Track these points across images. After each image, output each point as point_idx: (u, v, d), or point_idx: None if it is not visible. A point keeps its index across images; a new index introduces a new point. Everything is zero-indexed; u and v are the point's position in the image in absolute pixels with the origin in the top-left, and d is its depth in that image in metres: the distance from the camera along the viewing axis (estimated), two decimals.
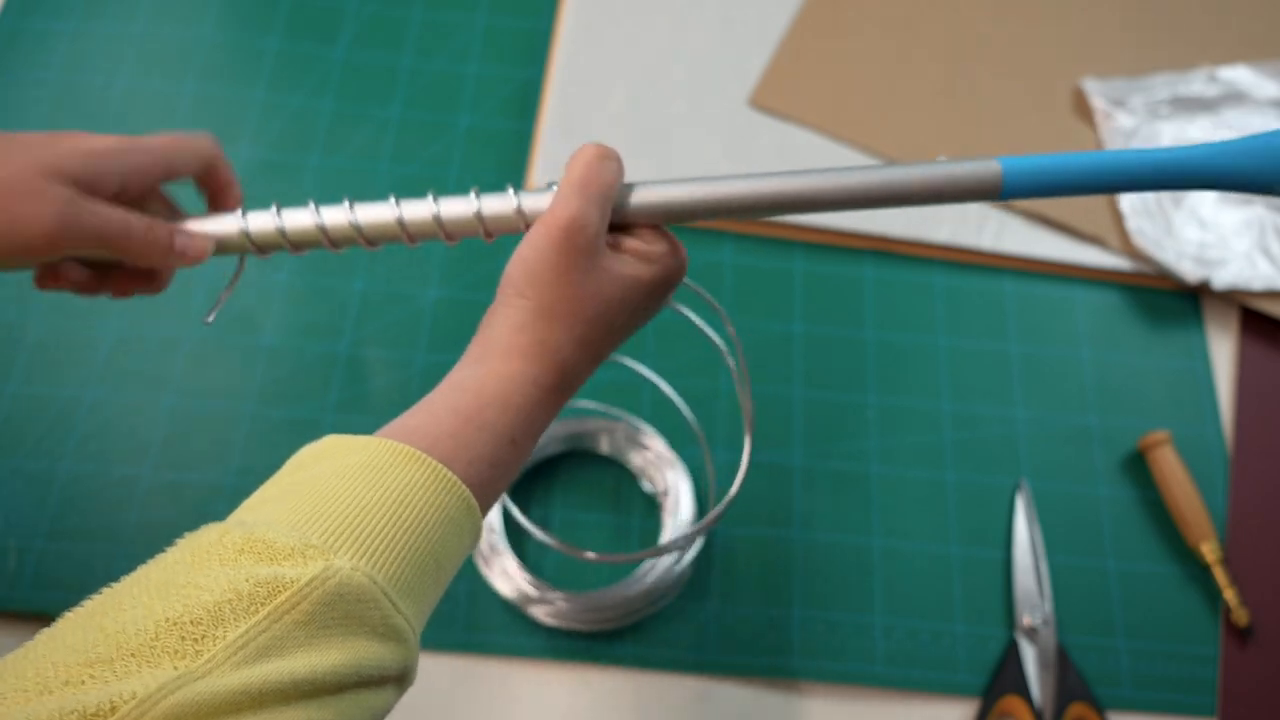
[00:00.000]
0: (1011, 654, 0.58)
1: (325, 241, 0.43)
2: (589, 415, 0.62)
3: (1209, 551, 0.60)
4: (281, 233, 0.42)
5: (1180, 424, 0.65)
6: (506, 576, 0.57)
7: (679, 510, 0.59)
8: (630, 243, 0.41)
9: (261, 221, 0.43)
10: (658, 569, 0.57)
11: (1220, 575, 0.60)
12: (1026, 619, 0.58)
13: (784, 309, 0.68)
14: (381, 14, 0.77)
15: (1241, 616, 0.59)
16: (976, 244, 0.70)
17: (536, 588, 0.56)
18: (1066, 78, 0.76)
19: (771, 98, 0.74)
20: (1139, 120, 0.74)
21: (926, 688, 0.57)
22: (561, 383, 0.39)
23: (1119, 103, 0.74)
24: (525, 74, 0.75)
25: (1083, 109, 0.75)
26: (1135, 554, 0.62)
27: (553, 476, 0.62)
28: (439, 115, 0.73)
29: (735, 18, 0.78)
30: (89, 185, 0.40)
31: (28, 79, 0.73)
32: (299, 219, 0.42)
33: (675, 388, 0.62)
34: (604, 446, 0.62)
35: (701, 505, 0.61)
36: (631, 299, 0.40)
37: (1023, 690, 0.56)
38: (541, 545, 0.59)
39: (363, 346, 0.65)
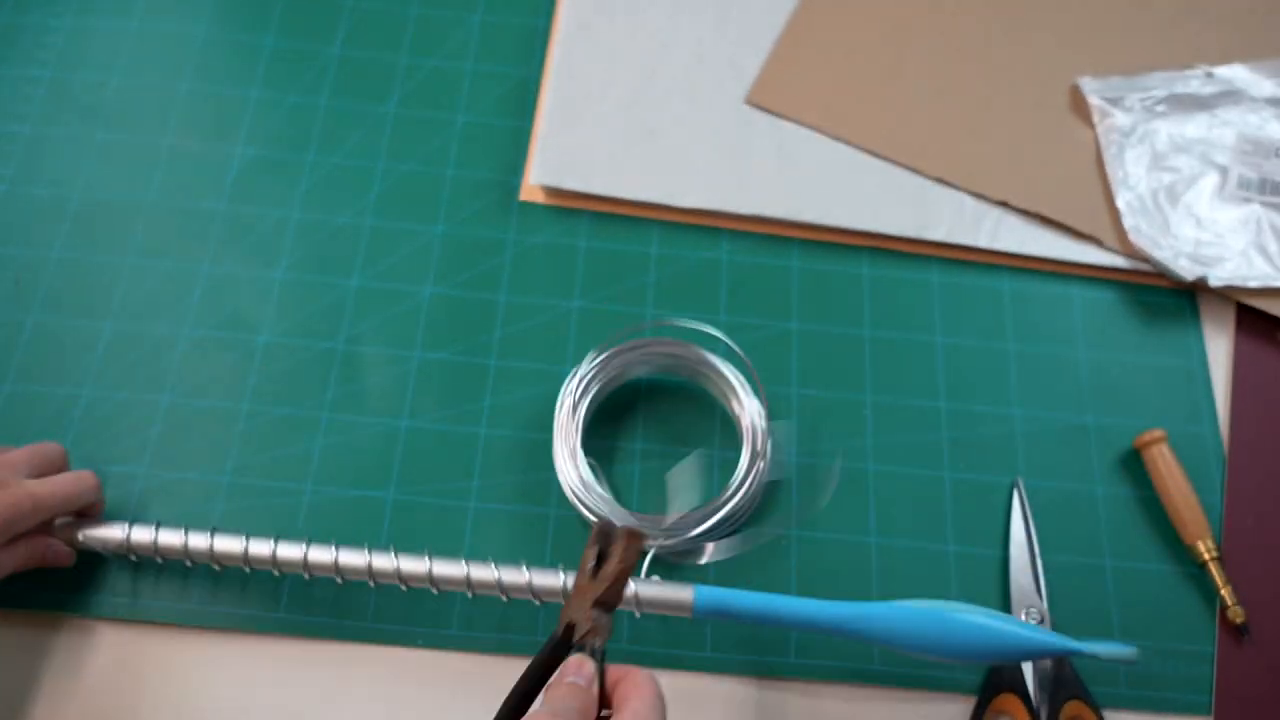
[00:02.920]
0: None
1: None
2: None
3: (1205, 549, 0.60)
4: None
5: (1176, 422, 0.65)
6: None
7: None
8: None
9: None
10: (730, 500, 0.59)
11: (1216, 573, 0.60)
12: (1022, 616, 0.58)
13: (781, 306, 0.68)
14: (377, 10, 0.77)
15: (1237, 614, 0.59)
16: (974, 242, 0.70)
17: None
18: (1063, 76, 0.76)
19: (768, 96, 0.74)
20: (1135, 118, 0.74)
21: (922, 685, 0.57)
22: None
23: (1115, 101, 0.74)
24: (522, 71, 0.75)
25: (1079, 107, 0.75)
26: (1131, 552, 0.62)
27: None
28: (435, 112, 0.73)
29: (732, 16, 0.78)
30: None
31: (23, 76, 0.73)
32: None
33: None
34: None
35: None
36: None
37: (1019, 688, 0.56)
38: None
39: (359, 343, 0.65)
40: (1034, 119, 0.75)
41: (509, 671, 0.44)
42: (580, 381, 0.61)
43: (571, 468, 0.59)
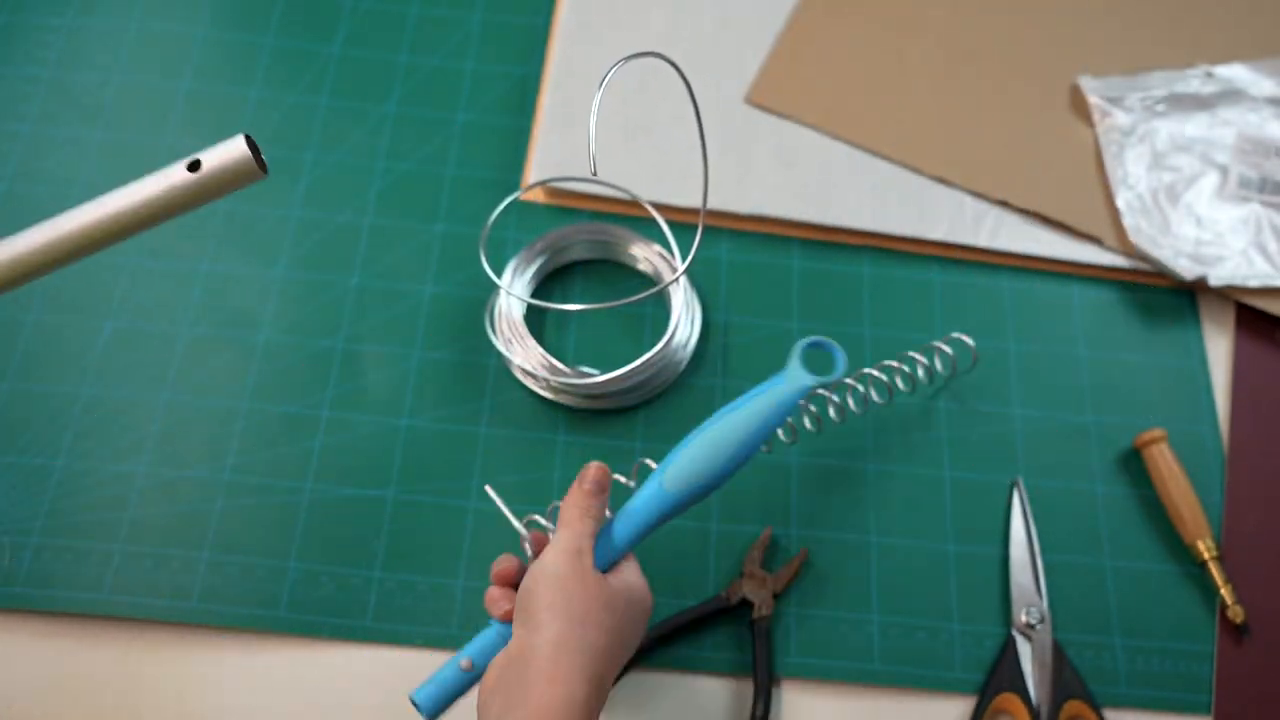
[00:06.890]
0: (1008, 651, 0.58)
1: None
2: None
3: (1204, 549, 0.60)
4: None
5: (1176, 421, 0.65)
6: (528, 362, 0.63)
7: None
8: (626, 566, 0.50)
9: None
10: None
11: (1215, 572, 0.60)
12: (1023, 616, 0.58)
13: (782, 306, 0.68)
14: (377, 10, 0.77)
15: (1237, 613, 0.59)
16: (974, 241, 0.70)
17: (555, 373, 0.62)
18: (1063, 75, 0.77)
19: (768, 95, 0.74)
20: (1135, 118, 0.74)
21: (923, 685, 0.57)
22: (604, 686, 0.45)
23: (1116, 100, 0.74)
24: (522, 70, 0.75)
25: (1080, 106, 0.75)
26: (1131, 551, 0.62)
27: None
28: (436, 111, 0.73)
29: (732, 15, 0.78)
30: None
31: (22, 75, 0.73)
32: None
33: None
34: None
35: None
36: (636, 601, 0.48)
37: (1019, 688, 0.56)
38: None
39: (358, 342, 0.65)
40: (1034, 119, 0.75)
41: None
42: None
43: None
